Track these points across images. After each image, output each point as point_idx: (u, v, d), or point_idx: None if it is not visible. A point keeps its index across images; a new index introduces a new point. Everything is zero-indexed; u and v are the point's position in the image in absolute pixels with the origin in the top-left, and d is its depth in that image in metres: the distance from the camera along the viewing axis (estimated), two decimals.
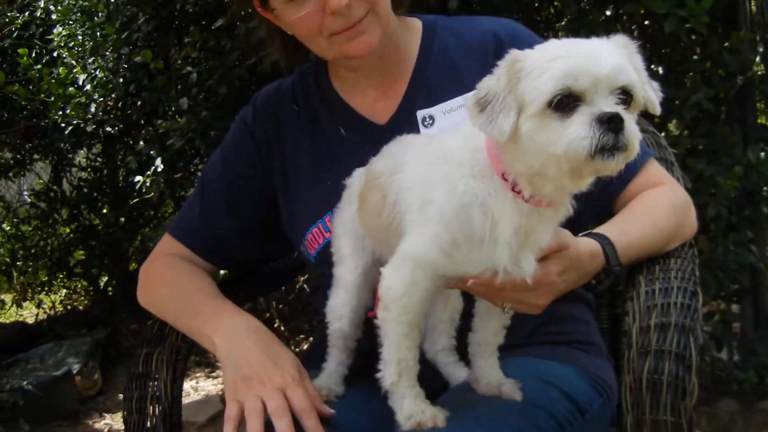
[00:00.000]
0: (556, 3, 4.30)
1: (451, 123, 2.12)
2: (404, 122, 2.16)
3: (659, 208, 2.11)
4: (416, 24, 2.31)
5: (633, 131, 1.47)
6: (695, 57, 4.12)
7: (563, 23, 4.15)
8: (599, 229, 1.98)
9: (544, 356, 2.08)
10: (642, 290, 1.89)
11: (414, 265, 1.72)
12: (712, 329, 4.39)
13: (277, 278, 2.80)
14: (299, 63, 2.40)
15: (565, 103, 1.48)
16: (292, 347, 6.00)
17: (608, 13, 4.12)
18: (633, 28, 4.23)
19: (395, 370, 1.78)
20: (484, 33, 2.21)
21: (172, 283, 2.31)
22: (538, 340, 2.14)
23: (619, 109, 1.46)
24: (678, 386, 1.69)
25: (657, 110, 1.58)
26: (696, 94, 3.83)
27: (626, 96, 1.51)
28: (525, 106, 1.51)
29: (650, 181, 2.16)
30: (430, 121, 2.15)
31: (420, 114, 2.16)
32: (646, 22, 4.20)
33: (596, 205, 2.11)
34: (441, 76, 2.21)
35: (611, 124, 1.44)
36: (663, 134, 4.14)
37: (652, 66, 4.17)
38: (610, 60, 1.50)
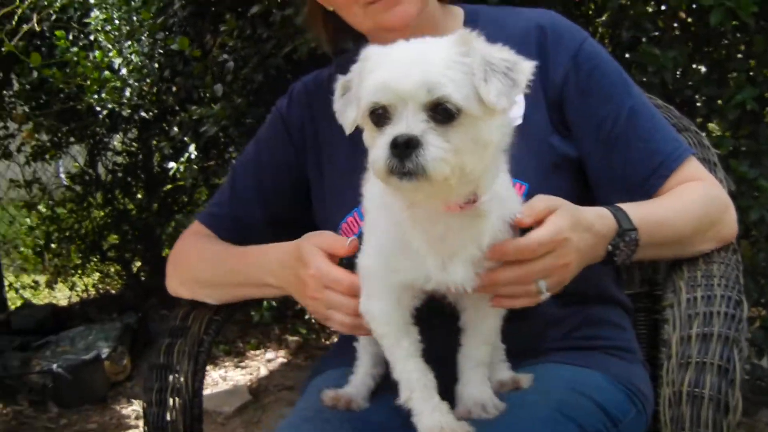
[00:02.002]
0: None
1: None
2: None
3: (689, 198, 2.03)
4: (458, 12, 2.26)
5: (431, 156, 1.43)
6: (739, 55, 3.99)
7: (604, 18, 4.05)
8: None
9: (576, 363, 2.01)
10: (683, 297, 1.81)
11: (366, 276, 1.73)
12: (752, 336, 4.28)
13: None
14: (338, 47, 2.38)
15: (379, 116, 1.48)
16: (323, 340, 5.97)
17: (649, 9, 4.02)
18: (674, 24, 4.13)
19: (405, 385, 1.74)
20: (527, 22, 2.16)
21: (204, 250, 2.31)
22: (571, 345, 2.07)
23: (419, 131, 1.43)
24: (720, 401, 1.61)
25: (499, 107, 1.50)
26: (740, 93, 3.71)
27: (450, 110, 1.46)
28: (359, 109, 1.54)
29: (689, 177, 2.08)
30: None
31: None
32: (689, 20, 4.08)
33: (634, 201, 2.05)
34: None
35: (398, 149, 1.42)
36: (704, 134, 4.05)
37: (694, 65, 4.07)
38: (417, 75, 1.45)
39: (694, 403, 1.63)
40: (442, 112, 1.46)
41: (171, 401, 2.09)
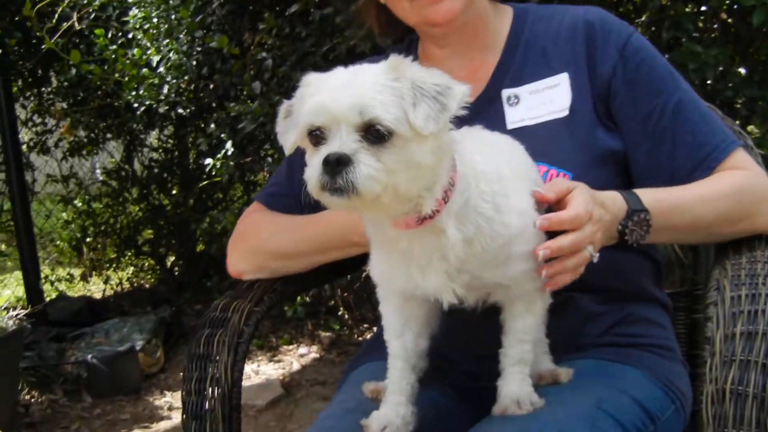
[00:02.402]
0: None
1: (537, 103, 2.13)
2: (490, 102, 2.17)
3: (719, 184, 2.03)
4: (508, 10, 2.30)
5: (361, 174, 1.49)
6: None
7: (643, 18, 4.03)
8: None
9: (615, 359, 2.03)
10: (727, 295, 1.80)
11: (376, 282, 1.87)
12: None
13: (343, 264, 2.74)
14: (392, 37, 2.47)
15: (316, 136, 1.56)
16: (356, 336, 5.98)
17: (689, 9, 3.98)
18: (715, 26, 4.09)
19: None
20: (574, 19, 2.18)
21: (273, 222, 2.36)
22: (609, 342, 2.09)
23: (350, 150, 1.50)
24: (765, 399, 1.60)
25: (426, 131, 1.53)
26: None
27: (382, 132, 1.51)
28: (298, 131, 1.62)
29: (735, 168, 2.08)
30: (515, 100, 2.15)
31: (505, 93, 2.17)
32: (730, 20, 4.05)
33: None
34: (530, 58, 2.20)
35: (329, 166, 1.49)
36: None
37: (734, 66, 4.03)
38: (349, 98, 1.52)
39: (737, 401, 1.62)
40: (374, 134, 1.52)
41: (210, 391, 2.10)
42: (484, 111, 2.11)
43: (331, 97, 1.54)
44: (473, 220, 1.67)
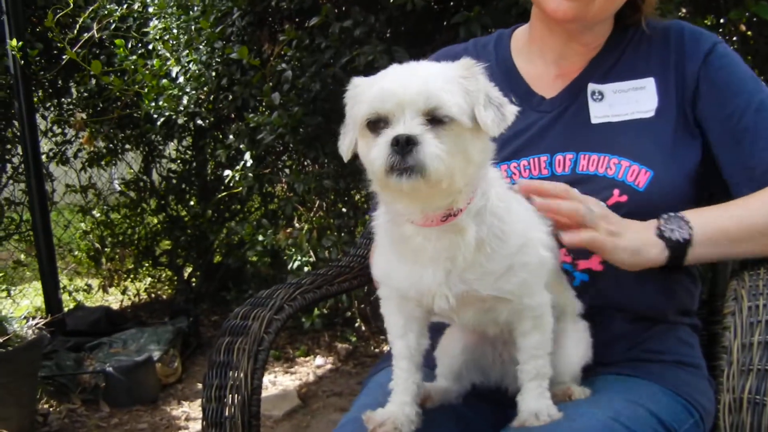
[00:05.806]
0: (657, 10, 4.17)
1: (621, 102, 2.18)
2: (576, 94, 2.23)
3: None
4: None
5: (429, 153, 1.55)
6: None
7: None
8: None
9: (634, 374, 2.05)
10: (745, 305, 1.81)
11: (378, 280, 1.91)
12: None
13: None
14: None
15: (376, 124, 1.61)
16: (372, 348, 5.99)
17: (708, 23, 3.98)
18: (734, 39, 4.09)
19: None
20: (666, 26, 2.23)
21: None
22: (635, 357, 2.12)
23: (418, 131, 1.56)
24: None
25: (491, 132, 1.63)
26: None
27: (443, 117, 1.58)
28: (355, 127, 1.68)
29: None
30: (599, 96, 2.21)
31: (591, 87, 2.22)
32: (749, 33, 4.05)
33: None
34: (621, 59, 2.25)
35: (398, 146, 1.54)
36: None
37: None
38: (417, 84, 1.59)
39: (755, 410, 1.62)
40: (435, 119, 1.59)
41: (230, 398, 2.12)
42: (570, 102, 2.21)
43: (398, 83, 1.61)
44: (488, 220, 1.72)
